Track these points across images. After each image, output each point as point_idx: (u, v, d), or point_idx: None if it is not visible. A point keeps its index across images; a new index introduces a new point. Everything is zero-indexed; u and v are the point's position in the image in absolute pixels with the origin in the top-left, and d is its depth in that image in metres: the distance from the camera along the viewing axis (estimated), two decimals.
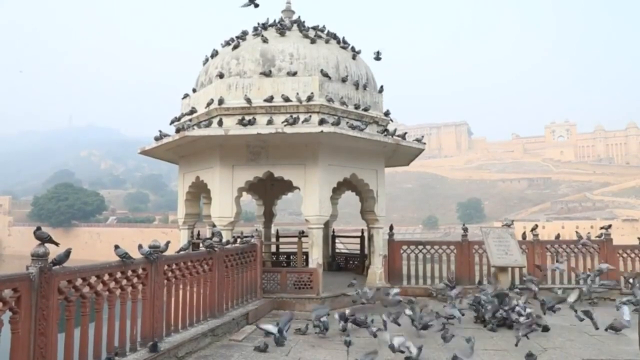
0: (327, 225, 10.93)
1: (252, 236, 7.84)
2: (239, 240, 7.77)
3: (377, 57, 9.56)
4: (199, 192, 9.56)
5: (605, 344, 6.06)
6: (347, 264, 11.63)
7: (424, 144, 9.98)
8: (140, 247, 5.12)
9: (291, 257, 11.27)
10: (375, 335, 5.94)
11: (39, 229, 4.12)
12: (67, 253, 4.10)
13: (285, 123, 7.75)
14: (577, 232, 10.56)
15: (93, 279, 4.33)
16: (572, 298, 7.67)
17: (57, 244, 4.16)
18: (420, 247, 9.89)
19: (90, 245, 71.90)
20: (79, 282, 4.15)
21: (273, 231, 12.17)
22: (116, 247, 4.74)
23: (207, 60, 9.69)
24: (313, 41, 8.94)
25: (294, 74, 8.42)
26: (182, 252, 6.27)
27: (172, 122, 9.46)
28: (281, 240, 11.15)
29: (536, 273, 9.13)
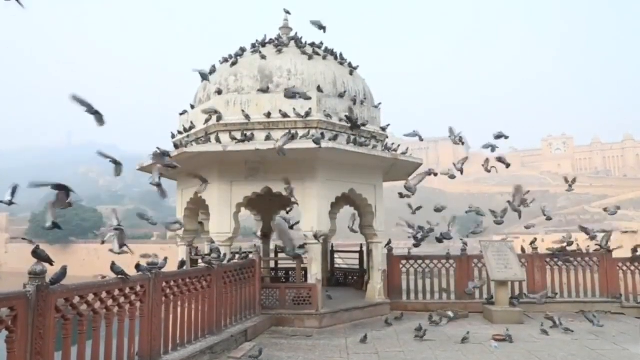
0: (326, 240, 10.90)
1: (251, 252, 7.82)
2: (237, 256, 7.74)
3: (321, 27, 8.44)
4: (198, 208, 9.54)
5: (608, 359, 6.01)
6: (346, 279, 11.57)
7: (421, 158, 10.01)
8: (137, 265, 5.09)
9: (290, 273, 11.22)
10: None
11: (37, 247, 4.10)
12: (64, 270, 4.06)
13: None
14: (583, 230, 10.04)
15: (91, 297, 4.30)
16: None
17: (52, 263, 4.13)
18: (420, 261, 9.86)
19: (88, 262, 71.21)
20: (76, 300, 4.12)
21: (272, 247, 12.11)
22: (113, 264, 4.70)
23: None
24: (310, 57, 9.02)
25: None
26: (180, 269, 6.24)
27: (173, 138, 9.50)
28: (280, 255, 11.08)
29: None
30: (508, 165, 8.49)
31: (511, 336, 6.87)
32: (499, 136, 8.27)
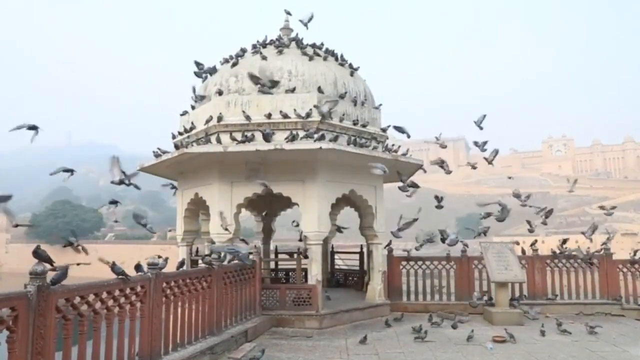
0: (326, 241, 10.90)
1: (252, 252, 7.81)
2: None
3: (304, 23, 9.15)
4: (198, 208, 9.55)
5: None
6: (346, 280, 11.57)
7: (422, 160, 10.01)
8: (137, 266, 5.09)
9: (290, 274, 11.22)
10: None
11: (38, 247, 4.10)
12: (65, 271, 4.06)
13: (285, 139, 7.78)
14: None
15: (91, 297, 4.31)
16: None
17: (52, 263, 4.13)
18: (420, 262, 9.85)
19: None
20: (77, 300, 4.12)
21: (272, 247, 12.12)
22: (113, 264, 4.70)
23: (206, 77, 9.75)
24: (311, 58, 9.02)
25: (293, 90, 8.49)
26: (180, 269, 6.24)
27: (174, 138, 9.51)
28: (280, 256, 11.10)
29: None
30: (490, 162, 8.56)
31: (513, 336, 6.87)
32: (478, 125, 8.39)
